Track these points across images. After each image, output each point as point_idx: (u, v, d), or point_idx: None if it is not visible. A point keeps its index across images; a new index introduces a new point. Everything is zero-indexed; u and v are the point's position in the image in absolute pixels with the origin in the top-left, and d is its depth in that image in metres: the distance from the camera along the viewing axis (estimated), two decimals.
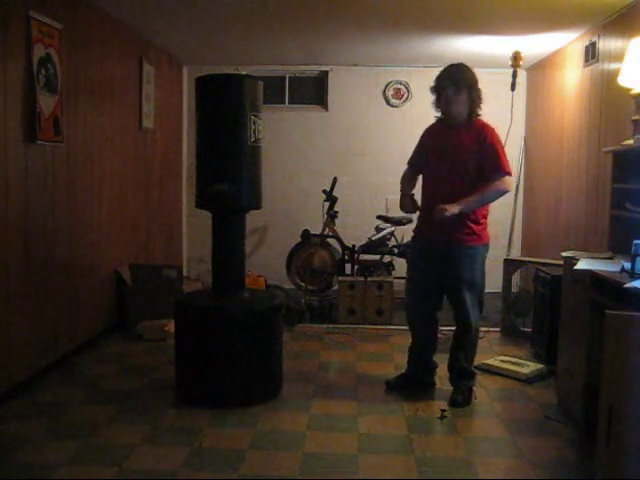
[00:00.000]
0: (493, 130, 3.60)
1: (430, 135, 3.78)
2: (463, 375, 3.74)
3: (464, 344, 3.72)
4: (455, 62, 3.68)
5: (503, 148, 3.60)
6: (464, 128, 3.58)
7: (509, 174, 3.56)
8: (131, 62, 5.36)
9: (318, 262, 6.43)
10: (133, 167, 5.44)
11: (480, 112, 3.63)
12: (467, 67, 3.63)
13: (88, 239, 4.56)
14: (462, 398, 3.64)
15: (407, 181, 3.83)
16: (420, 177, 3.83)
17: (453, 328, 3.80)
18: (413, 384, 3.89)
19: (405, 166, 3.91)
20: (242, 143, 3.60)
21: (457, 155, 3.55)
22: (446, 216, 3.42)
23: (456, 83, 3.54)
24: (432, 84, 3.64)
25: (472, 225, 3.58)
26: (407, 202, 3.71)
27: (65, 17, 4.05)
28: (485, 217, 3.66)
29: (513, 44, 5.46)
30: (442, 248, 3.59)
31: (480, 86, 3.68)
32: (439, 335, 3.95)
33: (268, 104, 6.06)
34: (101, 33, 4.71)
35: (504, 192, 3.57)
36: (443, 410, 3.53)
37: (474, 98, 3.58)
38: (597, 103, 4.72)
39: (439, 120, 3.74)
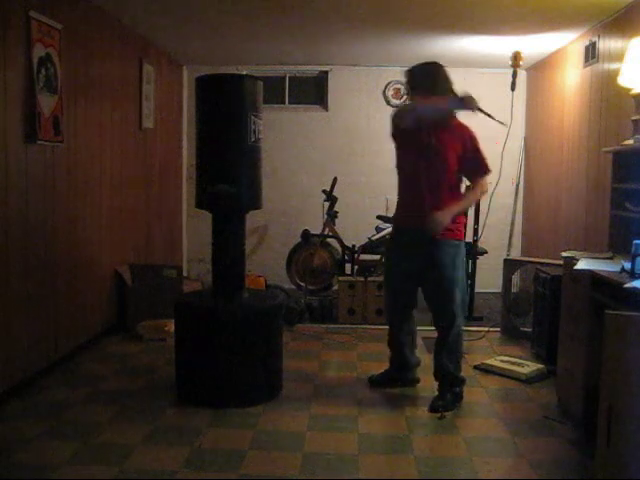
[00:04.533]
0: (471, 130, 3.62)
1: (407, 131, 3.68)
2: (448, 380, 3.64)
3: (448, 346, 3.61)
4: (427, 61, 3.68)
5: (481, 147, 3.63)
6: (443, 128, 3.54)
7: (490, 172, 3.65)
8: (131, 62, 5.36)
9: (318, 262, 6.43)
10: (133, 167, 5.44)
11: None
12: (426, 68, 3.60)
13: (88, 239, 4.56)
14: (442, 403, 3.56)
15: None
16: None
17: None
18: (396, 381, 3.90)
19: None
20: (242, 143, 3.60)
21: (440, 155, 3.51)
22: (441, 228, 3.45)
23: (411, 87, 3.64)
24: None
25: (456, 224, 3.56)
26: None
27: (65, 17, 4.05)
28: (466, 214, 3.76)
29: (513, 44, 5.46)
30: (424, 244, 3.52)
31: (480, 86, 3.69)
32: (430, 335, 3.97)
33: (268, 104, 6.07)
34: (101, 33, 4.71)
35: (483, 195, 3.75)
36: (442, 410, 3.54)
37: (438, 97, 3.51)
38: (597, 103, 4.72)
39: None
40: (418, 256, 3.55)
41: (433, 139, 3.51)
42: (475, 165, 3.60)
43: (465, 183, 3.78)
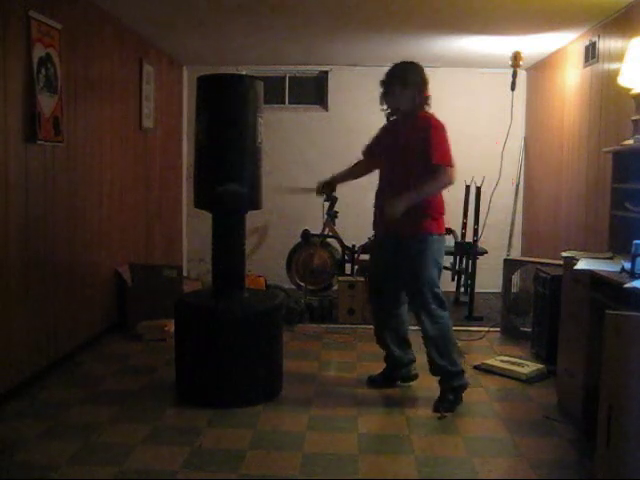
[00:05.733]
0: (436, 121, 3.58)
1: (384, 131, 3.87)
2: (442, 373, 3.62)
3: (433, 341, 3.60)
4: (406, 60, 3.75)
5: (445, 139, 3.55)
6: (409, 121, 3.65)
7: (447, 166, 3.50)
8: (131, 62, 5.36)
9: (318, 262, 6.43)
10: (133, 167, 5.44)
11: (426, 107, 3.65)
12: (413, 65, 3.70)
13: (88, 239, 4.56)
14: (443, 405, 3.54)
15: (349, 166, 4.10)
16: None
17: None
18: (394, 381, 3.92)
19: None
20: (252, 144, 3.62)
21: (403, 149, 3.60)
22: (396, 216, 3.48)
23: (398, 80, 3.64)
24: (382, 78, 3.76)
25: (422, 219, 3.56)
26: (322, 183, 4.17)
27: (65, 17, 4.05)
28: (438, 211, 3.62)
29: (513, 44, 5.46)
30: (394, 241, 3.63)
31: (480, 86, 3.69)
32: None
33: (268, 104, 6.06)
34: (101, 33, 4.71)
35: (444, 185, 3.55)
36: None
37: (414, 94, 3.61)
38: (597, 103, 4.72)
39: (391, 114, 3.80)
40: (392, 255, 3.67)
41: (397, 135, 3.66)
42: (430, 156, 3.49)
43: None
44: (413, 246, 3.57)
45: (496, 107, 6.30)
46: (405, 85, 3.60)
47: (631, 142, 3.60)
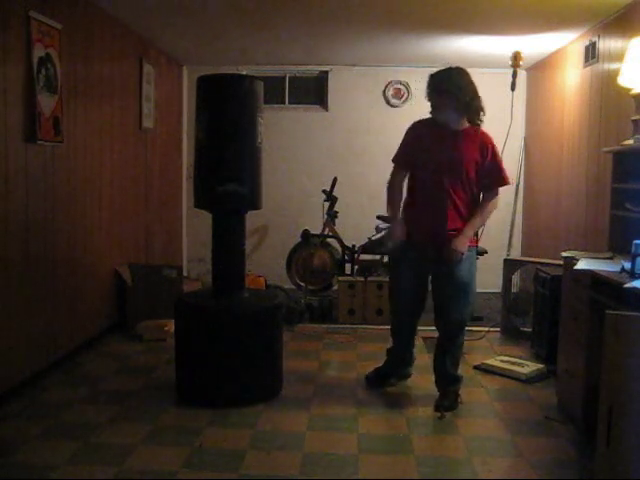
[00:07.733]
0: (493, 140, 3.61)
1: (424, 135, 3.60)
2: (450, 380, 3.67)
3: (451, 349, 3.65)
4: (454, 65, 3.61)
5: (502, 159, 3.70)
6: (466, 136, 3.53)
7: (507, 184, 3.68)
8: (131, 62, 5.36)
9: (318, 262, 6.43)
10: (133, 167, 5.44)
11: (480, 121, 3.58)
12: (460, 72, 3.54)
13: (88, 239, 4.56)
14: (448, 403, 3.58)
15: (398, 192, 3.68)
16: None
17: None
18: (390, 377, 3.94)
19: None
20: (252, 144, 3.62)
21: (461, 164, 3.49)
22: (462, 255, 3.47)
23: (440, 88, 3.48)
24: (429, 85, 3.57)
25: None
26: (397, 229, 3.61)
27: (65, 17, 4.05)
28: None
29: (513, 44, 5.46)
30: (438, 251, 3.52)
31: (480, 86, 3.67)
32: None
33: (268, 104, 6.06)
34: (101, 33, 4.71)
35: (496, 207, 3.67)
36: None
37: (466, 105, 3.47)
38: (597, 103, 4.72)
39: (432, 120, 3.59)
40: (432, 264, 3.58)
41: (453, 147, 3.51)
42: (495, 178, 3.60)
43: None
44: (466, 256, 3.52)
45: (496, 107, 6.27)
46: (456, 94, 3.45)
47: (631, 142, 3.60)
